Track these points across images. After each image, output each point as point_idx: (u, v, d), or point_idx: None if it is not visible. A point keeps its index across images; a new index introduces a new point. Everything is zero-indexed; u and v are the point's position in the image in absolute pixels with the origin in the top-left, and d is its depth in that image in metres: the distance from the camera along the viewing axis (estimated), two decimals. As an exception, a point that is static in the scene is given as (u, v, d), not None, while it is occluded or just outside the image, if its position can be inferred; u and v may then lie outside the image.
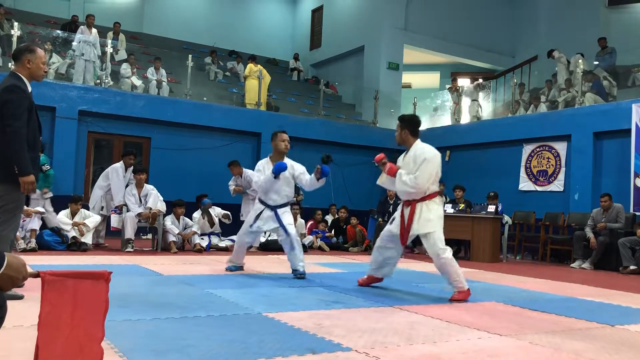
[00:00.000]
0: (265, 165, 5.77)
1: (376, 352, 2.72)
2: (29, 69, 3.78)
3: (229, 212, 9.12)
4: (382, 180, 5.08)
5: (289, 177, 5.71)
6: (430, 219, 4.78)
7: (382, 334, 3.15)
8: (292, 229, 5.69)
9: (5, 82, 3.72)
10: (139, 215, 7.93)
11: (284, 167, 5.51)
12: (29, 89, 3.79)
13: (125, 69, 11.72)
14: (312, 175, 5.60)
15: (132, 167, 8.37)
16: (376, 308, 4.03)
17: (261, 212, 5.70)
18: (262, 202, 5.76)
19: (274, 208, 5.69)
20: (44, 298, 1.69)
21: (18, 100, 3.64)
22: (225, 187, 9.15)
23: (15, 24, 10.20)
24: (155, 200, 8.11)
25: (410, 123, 4.98)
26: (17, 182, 3.64)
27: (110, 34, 12.85)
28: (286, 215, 5.76)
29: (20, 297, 3.60)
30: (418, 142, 4.96)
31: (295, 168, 5.79)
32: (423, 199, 4.80)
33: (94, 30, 11.17)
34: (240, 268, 6.01)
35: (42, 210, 7.51)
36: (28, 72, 3.78)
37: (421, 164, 4.74)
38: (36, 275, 1.66)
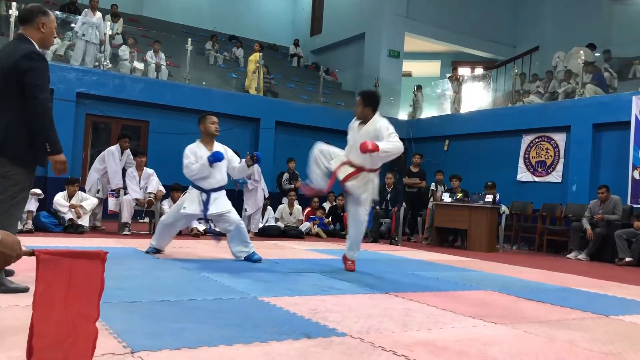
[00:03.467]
0: (196, 150, 5.52)
1: (371, 338, 2.72)
2: (43, 33, 3.35)
3: None
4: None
5: (224, 163, 5.60)
6: (373, 187, 5.20)
7: (377, 319, 3.16)
8: (232, 216, 5.50)
9: (22, 48, 3.26)
10: (136, 200, 7.94)
11: (220, 157, 5.41)
12: None
13: (124, 51, 11.64)
14: (243, 161, 5.60)
15: (127, 150, 8.36)
16: (372, 294, 4.03)
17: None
18: (195, 186, 5.52)
19: (208, 192, 5.48)
20: (38, 277, 1.68)
21: (41, 69, 3.25)
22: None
23: (14, 4, 10.10)
24: (156, 187, 8.16)
25: (373, 100, 5.17)
26: (31, 163, 3.36)
27: (108, 16, 12.75)
28: (221, 200, 5.54)
29: (25, 290, 3.27)
30: (377, 115, 5.17)
31: (229, 152, 5.73)
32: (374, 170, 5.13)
33: (99, 13, 11.09)
34: (160, 251, 5.69)
35: (38, 191, 7.48)
36: (39, 38, 3.35)
37: (391, 133, 4.98)
38: (31, 253, 1.65)
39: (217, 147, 5.63)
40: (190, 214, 5.52)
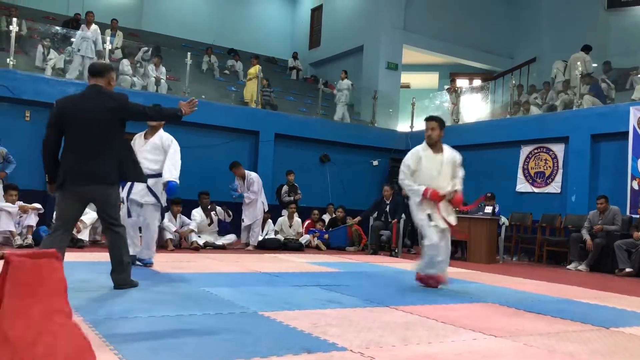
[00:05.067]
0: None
1: (371, 352, 2.72)
2: (110, 85, 4.17)
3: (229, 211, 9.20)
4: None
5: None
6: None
7: (378, 333, 3.16)
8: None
9: (113, 94, 4.11)
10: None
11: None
12: None
13: (127, 65, 11.66)
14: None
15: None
16: (372, 308, 4.03)
17: None
18: None
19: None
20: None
21: (134, 103, 4.21)
22: (224, 186, 9.16)
23: (14, 19, 10.18)
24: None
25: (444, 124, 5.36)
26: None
27: (108, 30, 12.82)
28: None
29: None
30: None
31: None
32: None
33: (93, 27, 11.13)
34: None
35: (38, 206, 7.49)
36: (109, 89, 4.16)
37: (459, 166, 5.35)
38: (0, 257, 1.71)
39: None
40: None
